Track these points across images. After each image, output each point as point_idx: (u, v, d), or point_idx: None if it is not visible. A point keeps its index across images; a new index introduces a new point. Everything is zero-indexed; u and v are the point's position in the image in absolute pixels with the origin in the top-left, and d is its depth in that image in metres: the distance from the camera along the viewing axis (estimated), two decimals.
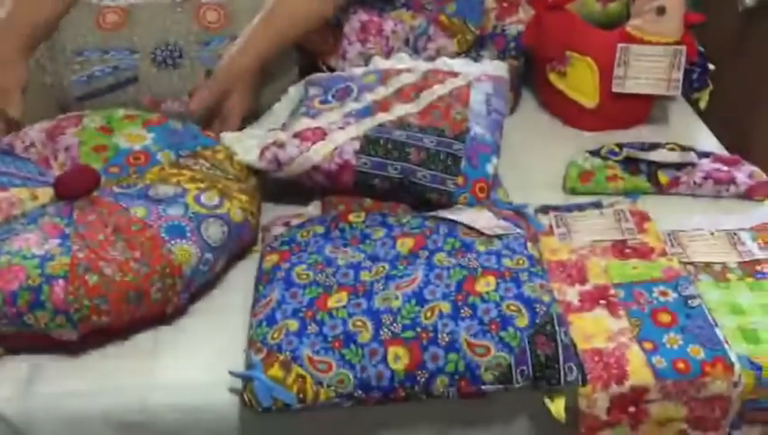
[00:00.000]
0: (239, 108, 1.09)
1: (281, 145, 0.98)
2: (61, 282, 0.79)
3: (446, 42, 1.28)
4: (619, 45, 1.11)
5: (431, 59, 1.24)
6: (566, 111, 1.19)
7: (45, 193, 0.91)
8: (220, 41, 1.12)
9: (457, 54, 1.26)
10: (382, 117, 1.02)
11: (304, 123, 1.01)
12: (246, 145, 1.00)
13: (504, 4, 1.30)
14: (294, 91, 1.14)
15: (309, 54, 1.26)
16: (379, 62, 1.16)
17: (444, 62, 1.15)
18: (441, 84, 1.08)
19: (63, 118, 1.01)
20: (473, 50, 1.29)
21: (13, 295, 0.78)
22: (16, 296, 0.79)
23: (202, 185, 0.92)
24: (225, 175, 0.96)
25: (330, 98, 1.08)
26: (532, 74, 1.26)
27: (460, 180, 0.95)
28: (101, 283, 0.80)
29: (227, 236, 0.89)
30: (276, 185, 1.02)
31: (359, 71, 1.15)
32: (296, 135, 0.98)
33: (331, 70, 1.24)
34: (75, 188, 0.90)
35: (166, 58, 1.09)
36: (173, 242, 0.85)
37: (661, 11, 1.09)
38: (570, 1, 1.15)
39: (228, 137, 1.02)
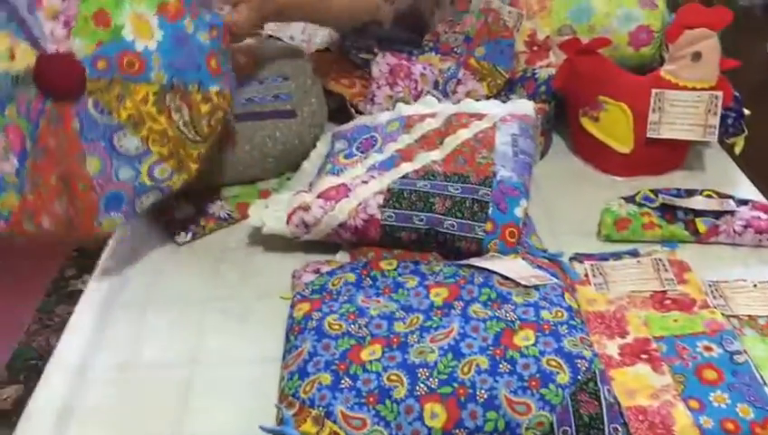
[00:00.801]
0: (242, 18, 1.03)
1: (306, 208, 0.97)
2: (1, 223, 0.84)
3: (475, 85, 1.28)
4: (654, 90, 1.09)
5: (459, 102, 1.23)
6: (599, 156, 1.17)
7: (26, 55, 0.83)
8: (247, 85, 1.11)
9: (487, 98, 1.26)
10: (406, 167, 1.01)
11: (328, 182, 1.00)
12: (273, 214, 1.00)
13: (535, 48, 1.30)
14: (322, 146, 1.13)
15: (338, 97, 1.26)
16: (403, 108, 1.15)
17: (469, 104, 1.14)
18: (465, 128, 1.07)
19: None
20: (502, 93, 1.29)
21: None
22: None
23: (164, 151, 0.90)
24: (193, 138, 0.93)
25: (354, 151, 1.07)
26: (562, 118, 1.24)
27: (489, 226, 0.93)
28: (37, 232, 0.85)
29: (156, 203, 0.94)
30: None
31: (384, 117, 1.14)
32: (320, 195, 0.98)
33: (360, 112, 1.24)
34: (55, 84, 0.83)
35: None
36: (107, 214, 0.89)
37: (697, 56, 1.07)
38: (602, 45, 1.13)
39: (254, 207, 1.02)
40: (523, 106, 1.12)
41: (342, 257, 0.98)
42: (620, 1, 1.26)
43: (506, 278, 0.87)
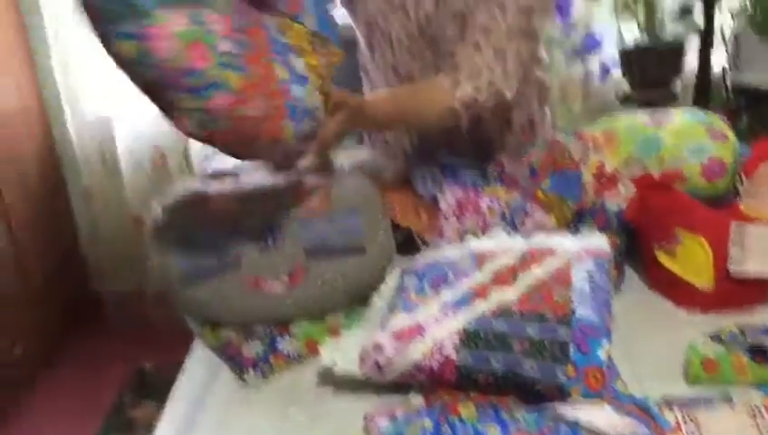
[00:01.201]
0: (334, 126, 1.13)
1: (379, 348, 0.95)
2: (227, 95, 0.90)
3: (543, 217, 1.26)
4: (734, 224, 1.06)
5: (529, 235, 1.22)
6: (677, 292, 1.13)
7: None
8: (319, 222, 1.12)
9: (556, 230, 1.24)
10: (481, 305, 0.99)
11: (401, 320, 0.98)
12: (345, 354, 0.98)
13: (603, 181, 1.29)
14: (392, 281, 1.12)
15: (405, 230, 1.26)
16: (474, 243, 1.14)
17: (541, 239, 1.13)
18: (539, 265, 1.05)
19: None
20: (572, 225, 1.27)
21: (189, 71, 0.87)
22: (190, 73, 0.88)
23: (317, 83, 1.03)
24: (330, 81, 1.06)
25: (426, 287, 1.06)
26: (634, 252, 1.21)
27: (570, 370, 0.89)
28: (243, 118, 0.92)
29: (307, 135, 1.03)
30: None
31: (454, 252, 1.13)
32: (394, 335, 0.96)
33: (427, 245, 1.23)
34: None
35: (267, 239, 1.09)
36: (287, 120, 0.98)
37: None
38: (675, 179, 1.12)
39: (325, 347, 1.00)
40: (597, 241, 1.10)
41: (415, 399, 0.95)
42: (690, 133, 1.25)
43: (593, 430, 0.82)
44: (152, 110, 0.97)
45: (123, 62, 0.89)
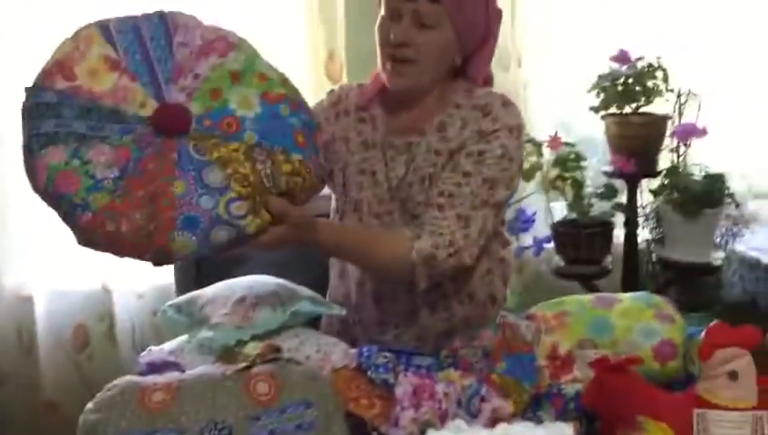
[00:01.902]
0: (264, 239, 1.13)
1: None
2: (89, 214, 1.03)
3: (501, 402, 1.22)
4: (696, 411, 1.05)
5: (489, 422, 1.17)
6: None
7: (150, 107, 1.10)
8: (269, 416, 1.05)
9: (515, 415, 1.20)
10: None
11: None
12: None
13: (557, 362, 1.27)
14: None
15: (358, 419, 1.19)
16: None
17: (505, 430, 1.08)
18: None
19: (222, 36, 1.18)
20: (529, 410, 1.23)
21: (59, 196, 1.04)
22: (61, 198, 1.04)
23: (243, 191, 1.08)
24: (272, 187, 1.11)
25: None
26: None
27: None
28: (115, 233, 1.04)
29: (229, 242, 1.09)
30: None
31: None
32: None
33: (381, 434, 1.17)
34: (162, 124, 1.09)
35: None
36: (181, 233, 1.05)
37: (733, 376, 1.05)
38: (633, 363, 1.11)
39: None
40: (561, 430, 1.06)
41: None
42: (638, 315, 1.27)
43: None
44: (77, 285, 1.02)
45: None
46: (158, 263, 1.09)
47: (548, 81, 2.41)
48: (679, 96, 2.17)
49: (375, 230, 1.41)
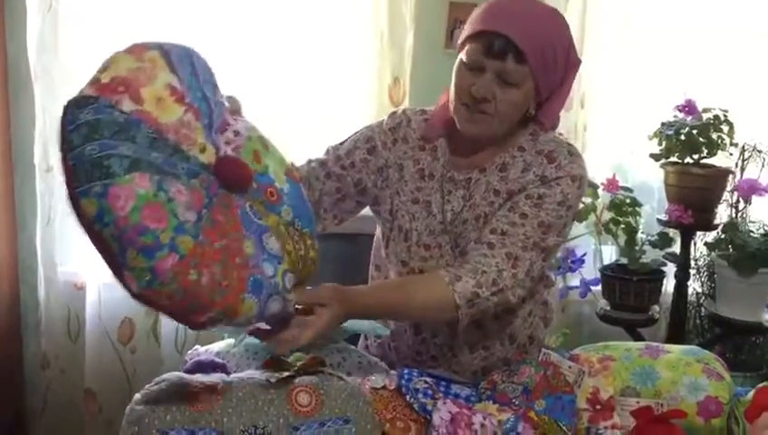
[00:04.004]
0: (321, 325, 1.13)
1: None
2: (176, 257, 0.92)
3: None
4: None
5: None
6: None
7: (209, 154, 1.02)
8: (309, 427, 1.07)
9: None
10: None
11: None
12: None
13: (598, 407, 1.26)
14: None
15: None
16: None
17: None
18: None
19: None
20: None
21: (143, 229, 0.91)
22: (144, 232, 0.91)
23: (292, 266, 1.07)
24: (303, 269, 1.10)
25: None
26: None
27: None
28: (195, 284, 0.94)
29: (277, 314, 1.05)
30: None
31: None
32: None
33: None
34: (228, 178, 1.02)
35: None
36: (249, 295, 0.99)
37: None
38: (676, 416, 1.10)
39: None
40: None
41: None
42: (685, 369, 1.25)
43: None
44: None
45: (85, 222, 0.92)
46: (204, 325, 0.99)
47: (609, 124, 2.40)
48: (743, 151, 2.13)
49: (408, 279, 1.39)
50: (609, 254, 2.22)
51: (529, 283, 1.32)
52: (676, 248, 2.17)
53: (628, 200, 2.10)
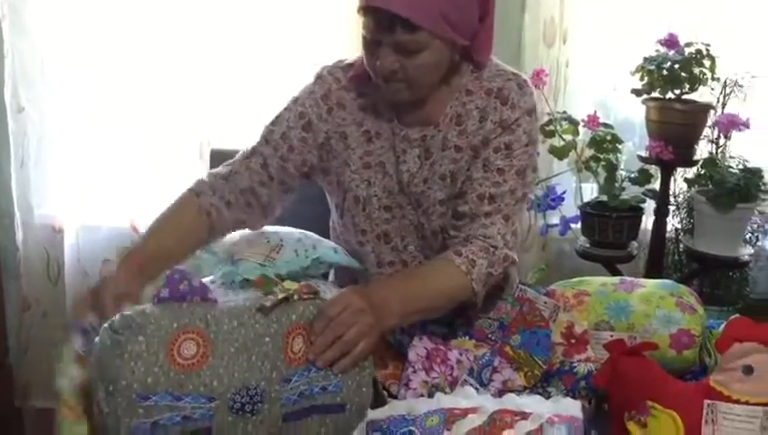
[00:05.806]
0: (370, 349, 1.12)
1: None
2: None
3: (512, 375, 1.24)
4: (706, 402, 1.05)
5: (498, 392, 1.19)
6: None
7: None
8: (300, 376, 1.07)
9: (525, 388, 1.22)
10: None
11: None
12: None
13: (572, 341, 1.28)
14: None
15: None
16: (443, 399, 1.10)
17: (512, 400, 1.09)
18: (510, 429, 1.01)
19: None
20: (539, 385, 1.24)
21: None
22: None
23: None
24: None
25: None
26: (600, 416, 1.18)
27: None
28: None
29: None
30: None
31: (422, 407, 1.08)
32: None
33: (392, 396, 1.19)
34: None
35: (245, 404, 1.02)
36: None
37: (749, 370, 1.05)
38: (648, 349, 1.11)
39: None
40: (570, 406, 1.07)
41: None
42: (659, 302, 1.26)
43: None
44: (105, 219, 0.92)
45: None
46: None
47: (591, 59, 2.36)
48: (725, 86, 2.11)
49: (425, 280, 1.27)
50: (590, 191, 2.22)
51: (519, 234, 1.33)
52: (657, 185, 2.17)
53: (608, 137, 2.08)
